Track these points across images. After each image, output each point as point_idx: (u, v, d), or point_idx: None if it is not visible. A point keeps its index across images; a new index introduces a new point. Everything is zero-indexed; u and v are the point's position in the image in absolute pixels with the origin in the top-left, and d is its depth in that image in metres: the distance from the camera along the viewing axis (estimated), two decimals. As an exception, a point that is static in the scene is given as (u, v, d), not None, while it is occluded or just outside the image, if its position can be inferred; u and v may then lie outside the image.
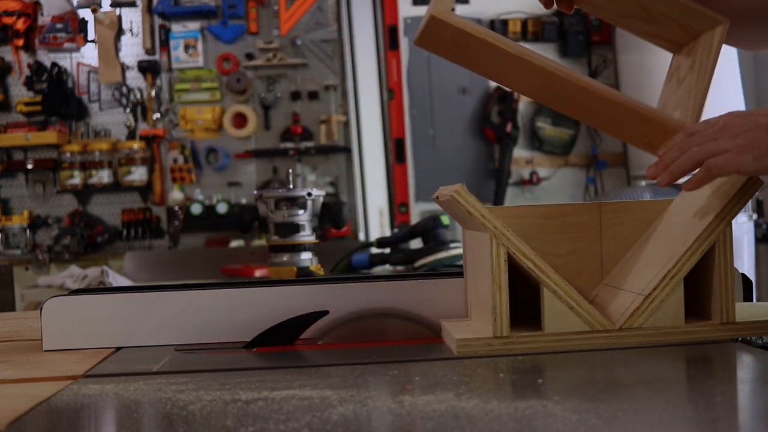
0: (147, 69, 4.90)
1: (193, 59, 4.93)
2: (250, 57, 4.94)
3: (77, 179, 4.82)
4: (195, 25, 4.95)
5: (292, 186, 2.40)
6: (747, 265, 4.03)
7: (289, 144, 4.92)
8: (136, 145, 4.85)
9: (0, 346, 1.39)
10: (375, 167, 4.93)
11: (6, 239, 4.87)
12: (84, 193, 4.92)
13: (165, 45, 4.94)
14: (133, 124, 4.94)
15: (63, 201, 4.96)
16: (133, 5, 4.94)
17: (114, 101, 4.96)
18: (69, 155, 4.81)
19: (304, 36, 4.96)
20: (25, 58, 4.92)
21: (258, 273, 3.18)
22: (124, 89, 4.94)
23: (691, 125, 1.15)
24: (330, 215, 2.53)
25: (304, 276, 2.26)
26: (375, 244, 2.98)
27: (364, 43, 4.95)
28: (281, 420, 0.82)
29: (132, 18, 4.96)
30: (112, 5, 4.93)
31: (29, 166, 4.87)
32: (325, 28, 4.98)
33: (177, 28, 4.95)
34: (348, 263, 2.91)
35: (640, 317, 1.12)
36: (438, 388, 0.94)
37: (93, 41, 4.91)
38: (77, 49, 4.93)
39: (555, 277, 1.12)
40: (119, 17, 4.93)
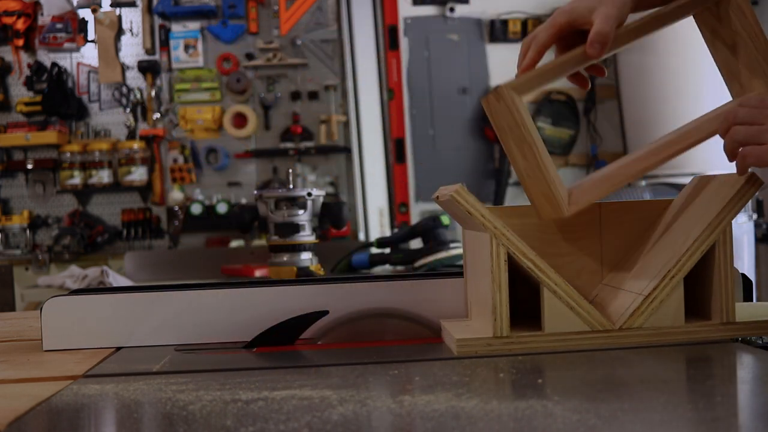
0: (147, 69, 4.90)
1: (193, 59, 4.93)
2: (250, 57, 4.94)
3: (77, 179, 4.82)
4: (195, 25, 4.95)
5: (292, 186, 2.40)
6: (747, 265, 4.03)
7: (289, 144, 4.92)
8: (136, 145, 4.85)
9: (0, 346, 1.39)
10: (375, 167, 4.93)
11: (6, 239, 4.87)
12: (84, 193, 4.92)
13: (165, 45, 4.94)
14: (133, 124, 4.94)
15: (63, 201, 4.96)
16: (133, 5, 4.94)
17: (114, 101, 4.96)
18: (69, 155, 4.81)
19: (304, 36, 4.96)
20: (25, 58, 4.92)
21: (258, 273, 3.17)
22: (124, 89, 4.94)
23: (747, 96, 1.13)
24: (330, 215, 2.53)
25: (304, 276, 2.26)
26: (375, 244, 2.98)
27: (364, 43, 4.94)
28: (281, 420, 0.82)
29: (132, 18, 4.96)
30: (112, 5, 4.93)
31: (29, 166, 4.87)
32: (325, 28, 4.98)
33: (177, 28, 4.95)
34: (348, 263, 2.91)
35: (640, 317, 1.12)
36: (438, 388, 0.94)
37: (93, 41, 4.92)
38: (77, 49, 4.93)
39: (555, 277, 1.12)
40: (119, 17, 4.94)
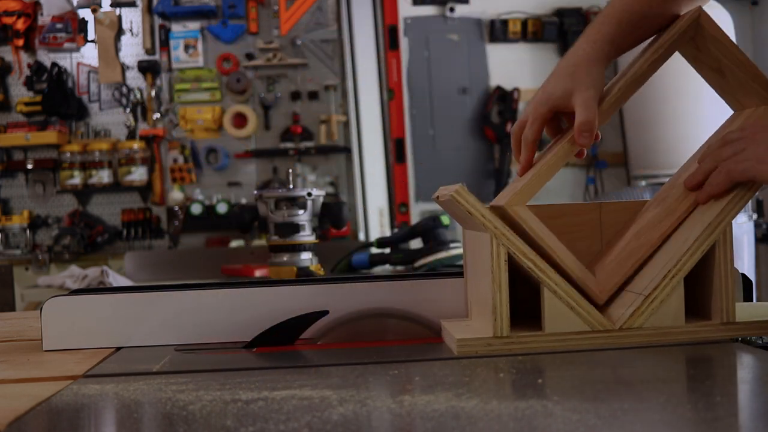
0: (147, 69, 4.90)
1: (193, 59, 4.93)
2: (250, 57, 4.94)
3: (77, 179, 4.82)
4: (195, 25, 4.94)
5: (292, 186, 2.40)
6: (747, 265, 4.03)
7: (289, 144, 4.92)
8: (136, 145, 4.85)
9: (0, 346, 1.39)
10: (375, 167, 4.93)
11: (6, 239, 4.87)
12: (84, 193, 4.92)
13: (165, 45, 4.94)
14: (133, 124, 4.94)
15: (63, 201, 4.96)
16: (133, 5, 4.94)
17: (114, 101, 4.95)
18: (69, 155, 4.81)
19: (304, 36, 4.96)
20: (25, 58, 4.92)
21: (258, 273, 3.17)
22: (124, 89, 4.94)
23: (728, 134, 1.15)
24: (330, 215, 2.53)
25: (304, 276, 2.26)
26: (375, 244, 2.98)
27: (364, 43, 4.94)
28: (281, 420, 0.82)
29: (132, 18, 4.96)
30: (112, 5, 4.93)
31: (29, 166, 4.87)
32: (325, 28, 4.98)
33: (177, 28, 4.95)
34: (348, 263, 2.91)
35: (640, 317, 1.12)
36: (438, 388, 0.94)
37: (93, 41, 4.92)
38: (77, 49, 4.93)
39: (555, 277, 1.12)
40: (119, 17, 4.94)
